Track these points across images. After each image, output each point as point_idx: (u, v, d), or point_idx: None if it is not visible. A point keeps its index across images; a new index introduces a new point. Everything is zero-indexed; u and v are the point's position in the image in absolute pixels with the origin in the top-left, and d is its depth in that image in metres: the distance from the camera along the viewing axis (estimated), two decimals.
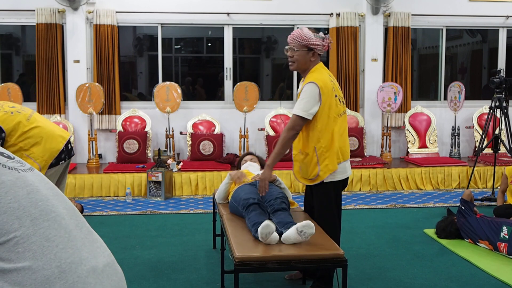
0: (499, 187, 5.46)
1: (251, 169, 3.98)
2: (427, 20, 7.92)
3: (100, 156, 7.43)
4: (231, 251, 2.82)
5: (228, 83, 7.77)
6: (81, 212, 5.66)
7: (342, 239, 3.52)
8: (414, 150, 7.61)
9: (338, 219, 3.44)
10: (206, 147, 7.15)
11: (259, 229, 2.85)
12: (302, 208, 3.85)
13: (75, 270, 1.12)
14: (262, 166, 4.00)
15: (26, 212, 1.12)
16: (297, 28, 7.76)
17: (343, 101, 3.40)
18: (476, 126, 7.83)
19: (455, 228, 4.55)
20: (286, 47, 3.36)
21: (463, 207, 4.49)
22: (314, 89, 3.20)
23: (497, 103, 5.83)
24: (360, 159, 7.10)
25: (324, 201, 3.35)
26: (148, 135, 7.20)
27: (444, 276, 3.77)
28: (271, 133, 7.33)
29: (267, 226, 2.83)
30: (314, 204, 3.44)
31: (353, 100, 7.64)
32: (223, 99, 7.82)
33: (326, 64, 7.50)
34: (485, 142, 6.05)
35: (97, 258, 1.22)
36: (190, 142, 7.20)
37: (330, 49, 4.27)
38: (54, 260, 1.09)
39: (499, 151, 6.15)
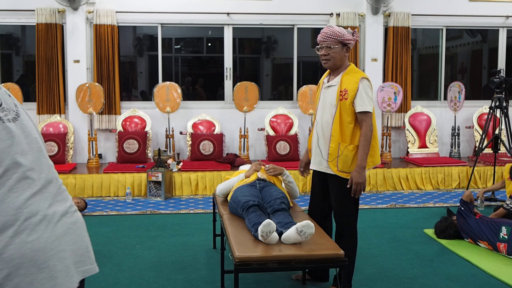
0: (489, 187, 5.53)
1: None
2: (427, 20, 7.92)
3: (100, 156, 7.43)
4: (231, 251, 2.82)
5: (228, 83, 7.77)
6: (85, 208, 5.66)
7: None
8: (414, 150, 7.61)
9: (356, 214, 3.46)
10: (206, 147, 7.15)
11: (260, 227, 2.84)
12: (302, 208, 3.84)
13: (28, 218, 1.25)
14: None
15: (2, 165, 1.25)
16: (297, 28, 7.77)
17: None
18: (476, 126, 7.83)
19: (455, 230, 4.55)
20: (318, 46, 3.37)
21: (462, 208, 4.49)
22: (370, 85, 3.30)
23: (497, 103, 5.83)
24: None
25: (346, 195, 3.32)
26: (148, 135, 7.20)
27: (444, 276, 3.77)
28: (271, 133, 7.33)
29: (268, 224, 2.83)
30: (333, 201, 3.42)
31: None
32: (223, 99, 7.83)
33: None
34: (485, 142, 6.05)
35: (54, 208, 1.34)
36: (190, 142, 7.20)
37: None
38: (12, 209, 1.23)
39: (499, 151, 6.15)
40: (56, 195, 1.39)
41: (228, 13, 7.52)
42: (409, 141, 7.68)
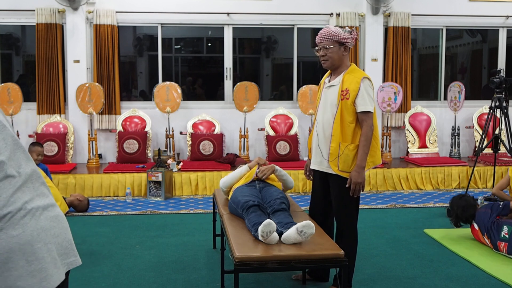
0: (495, 185, 5.38)
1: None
2: (427, 20, 7.92)
3: (100, 156, 7.43)
4: (231, 251, 2.82)
5: (228, 83, 7.77)
6: (87, 205, 5.65)
7: None
8: (414, 150, 7.61)
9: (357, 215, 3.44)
10: (206, 147, 7.15)
11: (260, 227, 2.84)
12: (303, 208, 3.84)
13: (13, 214, 1.30)
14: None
15: None
16: (297, 28, 7.77)
17: None
18: (476, 126, 7.83)
19: (473, 213, 4.47)
20: (316, 48, 3.38)
21: (500, 206, 4.37)
22: (371, 85, 3.30)
23: (497, 103, 5.82)
24: None
25: (347, 195, 3.30)
26: (148, 135, 7.20)
27: (444, 276, 3.77)
28: (271, 133, 7.33)
29: (268, 224, 2.83)
30: (333, 200, 3.41)
31: None
32: (223, 99, 7.83)
33: None
34: (485, 142, 6.04)
35: (36, 202, 1.38)
36: (190, 142, 7.20)
37: None
38: None
39: (499, 151, 6.14)
40: (36, 189, 1.41)
41: (228, 13, 7.52)
42: (409, 141, 7.68)
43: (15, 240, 1.27)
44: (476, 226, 4.45)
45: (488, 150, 7.01)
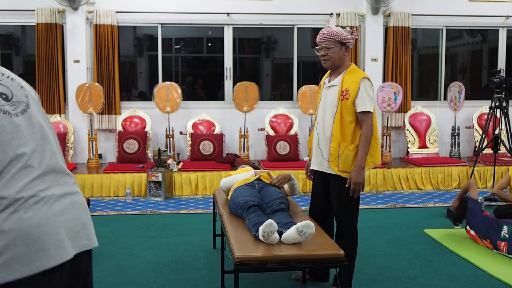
0: (496, 185, 5.35)
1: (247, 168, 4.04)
2: (427, 20, 7.92)
3: (100, 156, 7.43)
4: (231, 251, 2.82)
5: (228, 83, 7.77)
6: (87, 206, 5.65)
7: None
8: (414, 150, 7.61)
9: (357, 215, 3.44)
10: (206, 147, 7.15)
11: (262, 227, 2.84)
12: (303, 208, 3.84)
13: (26, 199, 1.45)
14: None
15: (7, 156, 1.44)
16: (297, 28, 7.77)
17: None
18: (476, 126, 7.83)
19: (463, 212, 4.51)
20: (317, 47, 3.38)
21: (471, 205, 4.42)
22: (371, 85, 3.30)
23: (497, 103, 5.83)
24: None
25: (347, 195, 3.30)
26: (148, 135, 7.20)
27: (444, 276, 3.77)
28: (271, 133, 7.33)
29: (270, 224, 2.83)
30: (333, 200, 3.41)
31: None
32: (223, 99, 7.83)
33: None
34: (485, 142, 6.05)
35: (53, 190, 1.52)
36: (190, 142, 7.20)
37: None
38: (13, 192, 1.43)
39: (499, 151, 6.15)
40: (57, 180, 1.56)
41: (228, 13, 7.52)
42: (409, 141, 7.68)
43: (25, 222, 1.43)
44: (472, 232, 4.46)
45: (488, 150, 7.02)
